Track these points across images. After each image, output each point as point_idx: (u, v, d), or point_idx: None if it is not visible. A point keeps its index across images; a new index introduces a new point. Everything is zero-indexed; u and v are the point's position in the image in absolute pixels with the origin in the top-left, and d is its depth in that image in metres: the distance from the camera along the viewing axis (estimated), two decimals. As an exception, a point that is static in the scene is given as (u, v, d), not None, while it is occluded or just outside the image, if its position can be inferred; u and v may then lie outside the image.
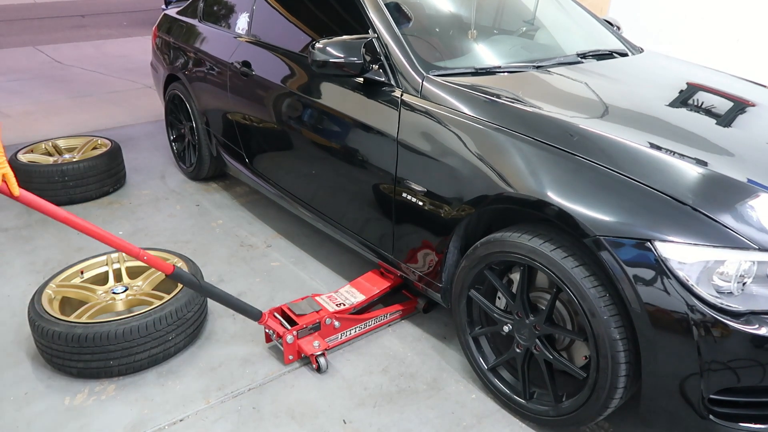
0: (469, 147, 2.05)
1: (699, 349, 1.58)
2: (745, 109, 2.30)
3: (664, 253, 1.60)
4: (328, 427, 2.03)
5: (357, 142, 2.47)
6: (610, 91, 2.36)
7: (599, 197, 1.73)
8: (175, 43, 3.98)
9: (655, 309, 1.61)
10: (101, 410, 2.08)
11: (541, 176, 1.85)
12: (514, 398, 2.07)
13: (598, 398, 1.79)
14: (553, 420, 1.96)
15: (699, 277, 1.59)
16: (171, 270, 2.06)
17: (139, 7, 13.62)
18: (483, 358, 2.17)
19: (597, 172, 1.77)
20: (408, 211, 2.28)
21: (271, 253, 3.15)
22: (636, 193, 1.70)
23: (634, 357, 1.72)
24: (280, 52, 2.99)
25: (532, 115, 2.02)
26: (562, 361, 1.92)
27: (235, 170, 3.54)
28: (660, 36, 5.01)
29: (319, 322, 2.34)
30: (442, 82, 2.25)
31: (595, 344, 1.75)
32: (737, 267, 1.58)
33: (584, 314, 1.75)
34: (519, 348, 2.02)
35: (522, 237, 1.88)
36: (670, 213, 1.64)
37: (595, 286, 1.72)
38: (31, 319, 2.20)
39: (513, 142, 1.96)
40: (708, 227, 1.61)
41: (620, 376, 1.73)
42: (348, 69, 2.32)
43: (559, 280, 1.79)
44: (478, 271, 2.05)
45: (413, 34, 2.52)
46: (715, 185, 1.74)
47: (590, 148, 1.84)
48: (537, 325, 1.94)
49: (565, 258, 1.77)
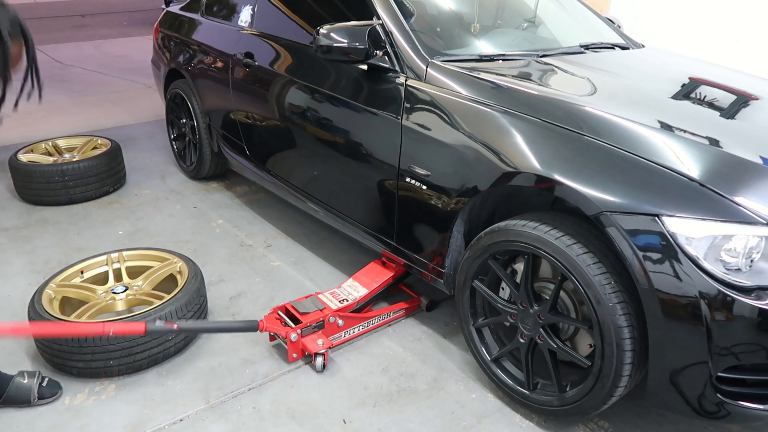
0: (474, 129, 2.05)
1: (707, 325, 1.57)
2: (749, 102, 2.31)
3: (671, 228, 1.60)
4: (328, 427, 2.03)
5: (360, 128, 2.47)
6: (614, 78, 2.40)
7: (606, 174, 1.74)
8: (178, 38, 3.99)
9: (663, 285, 1.60)
10: (101, 410, 2.08)
11: (548, 155, 1.85)
12: (517, 389, 2.06)
13: (603, 386, 1.78)
14: (557, 410, 1.95)
15: (707, 253, 1.58)
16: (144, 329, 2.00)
17: (139, 7, 13.62)
18: (486, 349, 2.16)
19: (604, 150, 1.78)
20: (412, 195, 2.29)
21: (271, 253, 3.15)
22: (643, 170, 1.70)
23: (639, 345, 1.71)
24: (284, 42, 3.00)
25: (538, 97, 2.03)
26: (567, 350, 1.91)
27: (239, 165, 3.53)
28: (660, 35, 5.00)
29: (323, 320, 2.34)
30: (447, 68, 2.26)
31: (600, 332, 1.74)
32: (745, 243, 1.57)
33: (589, 302, 1.74)
34: (523, 338, 2.01)
35: (527, 225, 1.89)
36: (677, 189, 1.64)
37: (601, 273, 1.72)
38: (31, 319, 2.20)
39: (519, 123, 1.96)
40: (716, 203, 1.60)
41: (625, 364, 1.72)
42: (352, 54, 2.34)
43: (564, 268, 1.78)
44: (482, 261, 2.05)
45: (417, 29, 2.53)
46: (722, 162, 1.74)
47: (597, 127, 1.85)
48: (541, 315, 1.94)
49: (570, 245, 1.77)
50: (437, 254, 2.26)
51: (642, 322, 1.71)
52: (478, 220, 2.21)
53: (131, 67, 7.54)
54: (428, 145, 2.18)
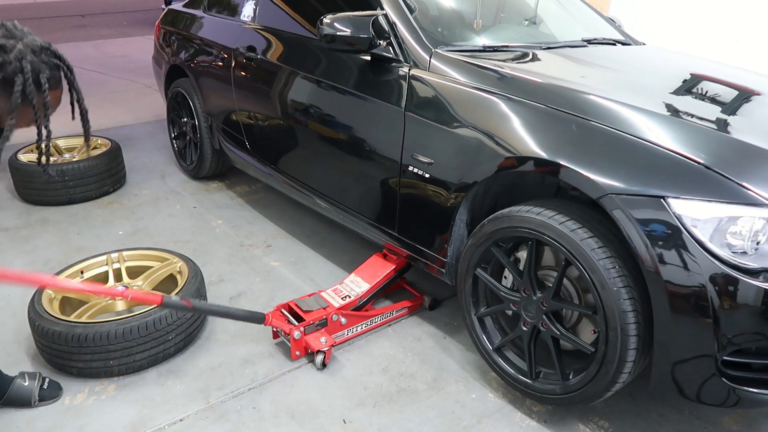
0: (478, 116, 2.06)
1: (714, 308, 1.56)
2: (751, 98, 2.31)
3: (677, 209, 1.59)
4: (328, 427, 2.03)
5: (363, 118, 2.48)
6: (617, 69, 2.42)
7: (611, 158, 1.74)
8: (179, 34, 4.00)
9: (669, 267, 1.59)
10: (101, 410, 2.08)
11: (553, 140, 1.86)
12: (519, 378, 2.05)
13: (607, 372, 1.77)
14: (560, 398, 1.94)
15: (712, 235, 1.58)
16: (160, 301, 1.99)
17: (139, 7, 13.63)
18: (488, 338, 2.16)
19: (608, 135, 1.78)
20: (415, 184, 2.29)
21: (271, 253, 3.15)
22: (648, 153, 1.70)
23: (644, 330, 1.70)
24: (287, 36, 3.01)
25: (542, 84, 2.04)
26: (570, 336, 1.91)
27: (241, 161, 3.52)
28: (660, 36, 5.00)
29: (326, 318, 2.35)
30: (451, 57, 2.27)
31: (604, 317, 1.73)
32: (751, 225, 1.57)
33: (594, 286, 1.73)
34: (525, 326, 2.01)
35: (531, 211, 1.89)
36: (683, 171, 1.64)
37: (606, 257, 1.71)
38: (31, 319, 2.20)
39: (524, 110, 1.97)
40: (721, 185, 1.60)
41: (630, 349, 1.71)
42: (356, 44, 2.36)
43: (568, 253, 1.78)
44: (485, 249, 2.05)
45: (421, 22, 2.55)
46: (727, 146, 1.74)
47: (601, 112, 1.86)
48: (544, 302, 1.94)
49: (575, 230, 1.77)
50: (439, 241, 2.26)
51: (647, 308, 1.69)
52: (481, 211, 2.21)
53: (131, 67, 7.54)
54: (432, 133, 2.19)
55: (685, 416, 2.08)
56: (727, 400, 1.66)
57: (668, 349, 1.66)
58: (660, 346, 1.68)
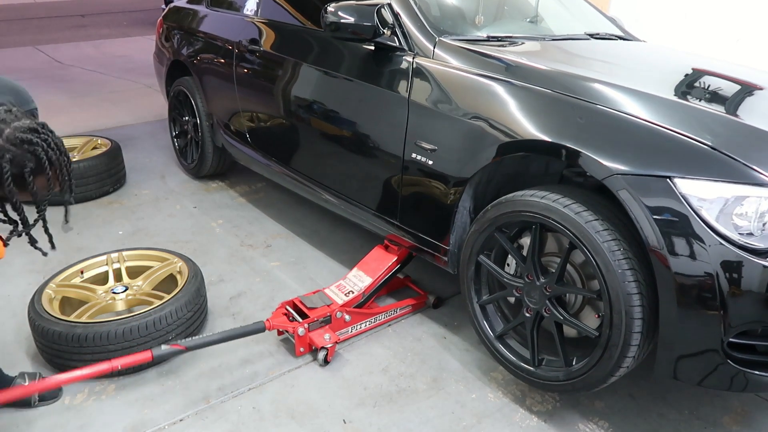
0: (483, 102, 2.07)
1: (720, 289, 1.56)
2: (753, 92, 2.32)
3: (684, 189, 1.59)
4: (328, 427, 2.03)
5: (366, 106, 2.49)
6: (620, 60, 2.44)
7: (618, 140, 1.74)
8: (182, 29, 4.00)
9: (676, 248, 1.59)
10: (101, 410, 2.08)
11: (558, 123, 1.87)
12: (522, 366, 2.05)
13: (611, 357, 1.76)
14: (563, 385, 1.93)
15: (718, 216, 1.57)
16: (150, 357, 2.01)
17: (139, 7, 13.63)
18: (490, 326, 2.16)
19: (615, 118, 1.79)
20: (418, 171, 2.29)
21: (271, 253, 3.15)
22: (654, 135, 1.70)
23: (648, 313, 1.69)
24: (290, 28, 3.02)
25: (547, 71, 2.05)
26: (574, 321, 1.90)
27: (244, 157, 3.51)
28: (660, 35, 5.00)
29: (330, 315, 2.35)
30: (455, 45, 2.29)
31: (608, 300, 1.72)
32: (757, 206, 1.57)
33: (598, 269, 1.72)
34: (528, 312, 2.00)
35: (535, 195, 1.89)
36: (689, 152, 1.64)
37: (611, 239, 1.70)
38: (31, 319, 2.20)
39: (528, 95, 1.98)
40: (728, 165, 1.60)
41: (634, 332, 1.70)
42: (360, 32, 2.37)
43: (572, 236, 1.77)
44: (488, 235, 2.05)
45: (424, 11, 2.56)
46: (733, 128, 1.75)
47: (607, 97, 1.86)
48: (548, 287, 1.93)
49: (579, 212, 1.76)
50: (442, 229, 2.26)
51: (652, 291, 1.68)
52: (484, 199, 2.21)
53: (131, 67, 7.54)
54: (436, 120, 2.19)
55: (685, 416, 2.08)
56: (733, 384, 1.65)
57: (674, 332, 1.64)
58: (665, 327, 1.66)
